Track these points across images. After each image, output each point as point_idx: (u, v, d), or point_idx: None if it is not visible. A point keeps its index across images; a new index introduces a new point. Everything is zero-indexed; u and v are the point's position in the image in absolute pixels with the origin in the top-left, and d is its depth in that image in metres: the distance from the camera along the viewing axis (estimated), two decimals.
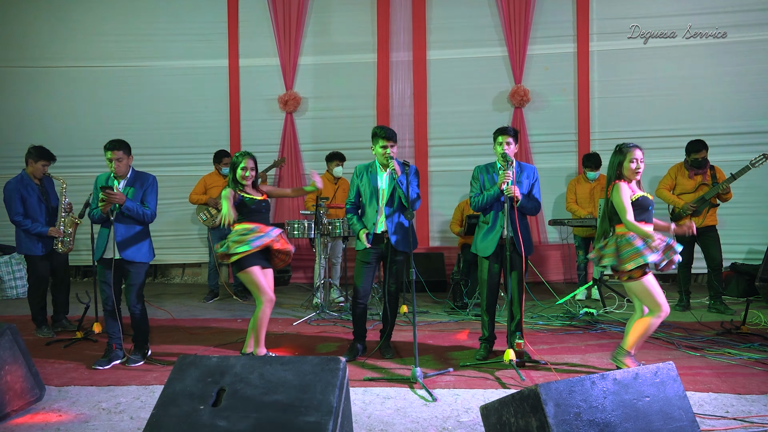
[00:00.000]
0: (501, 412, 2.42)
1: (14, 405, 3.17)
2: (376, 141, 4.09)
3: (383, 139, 4.05)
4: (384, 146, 4.04)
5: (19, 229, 4.88)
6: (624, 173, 3.67)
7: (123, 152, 4.04)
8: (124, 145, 4.07)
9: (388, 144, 4.04)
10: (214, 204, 6.31)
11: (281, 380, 2.22)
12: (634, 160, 3.64)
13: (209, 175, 6.55)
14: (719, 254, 5.51)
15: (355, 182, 4.24)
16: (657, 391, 2.34)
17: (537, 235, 7.32)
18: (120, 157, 4.02)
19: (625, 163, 3.66)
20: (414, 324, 3.72)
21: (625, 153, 3.67)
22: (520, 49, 7.35)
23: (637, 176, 3.68)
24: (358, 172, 4.24)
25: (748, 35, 7.04)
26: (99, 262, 4.10)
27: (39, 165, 4.93)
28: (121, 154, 4.03)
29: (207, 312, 6.01)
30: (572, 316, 5.37)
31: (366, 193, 4.17)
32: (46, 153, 4.97)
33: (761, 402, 3.21)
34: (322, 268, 5.97)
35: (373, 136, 4.11)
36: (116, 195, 3.94)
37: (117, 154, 4.00)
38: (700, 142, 5.52)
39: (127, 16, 7.89)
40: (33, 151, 4.94)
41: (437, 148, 7.58)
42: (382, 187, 4.14)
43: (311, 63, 7.74)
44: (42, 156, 4.93)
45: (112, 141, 4.05)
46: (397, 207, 4.10)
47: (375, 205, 4.14)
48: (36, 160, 4.92)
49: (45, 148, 4.99)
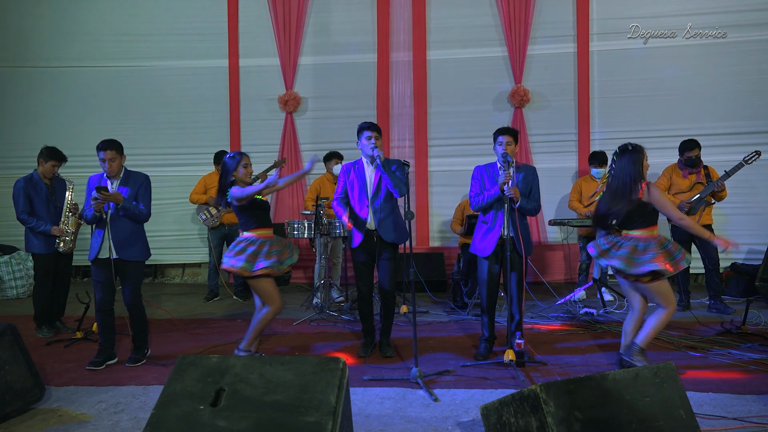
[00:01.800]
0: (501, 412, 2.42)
1: (14, 405, 3.17)
2: (360, 134, 4.14)
3: (367, 129, 4.10)
4: (369, 137, 4.08)
5: (25, 227, 4.96)
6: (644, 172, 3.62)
7: (115, 152, 4.04)
8: (116, 145, 4.06)
9: (373, 134, 4.08)
10: (214, 204, 6.31)
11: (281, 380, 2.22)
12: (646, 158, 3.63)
13: (209, 175, 6.55)
14: (716, 253, 5.52)
15: (342, 179, 4.28)
16: (657, 391, 2.34)
17: (537, 235, 7.32)
18: (112, 157, 4.02)
19: (645, 162, 3.62)
20: (414, 324, 3.72)
21: (641, 151, 3.62)
22: (520, 49, 7.36)
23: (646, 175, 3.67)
24: (345, 169, 4.28)
25: (748, 35, 7.04)
26: (93, 262, 4.07)
27: (49, 165, 4.99)
28: (114, 154, 4.03)
29: (207, 312, 6.01)
30: (572, 316, 5.37)
31: (354, 187, 4.19)
32: (58, 154, 5.03)
33: (761, 402, 3.20)
34: (322, 268, 5.97)
35: (358, 131, 4.16)
36: (112, 195, 3.94)
37: (109, 154, 4.01)
38: (693, 140, 5.55)
39: (127, 16, 7.89)
40: (45, 151, 5.01)
41: (437, 148, 7.58)
42: (369, 182, 4.16)
43: (311, 63, 7.74)
44: (53, 156, 4.99)
45: (104, 141, 4.05)
46: (385, 199, 4.12)
47: (364, 201, 4.15)
48: (47, 160, 4.98)
49: (57, 149, 5.05)
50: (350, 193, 4.23)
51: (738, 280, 6.28)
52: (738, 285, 6.25)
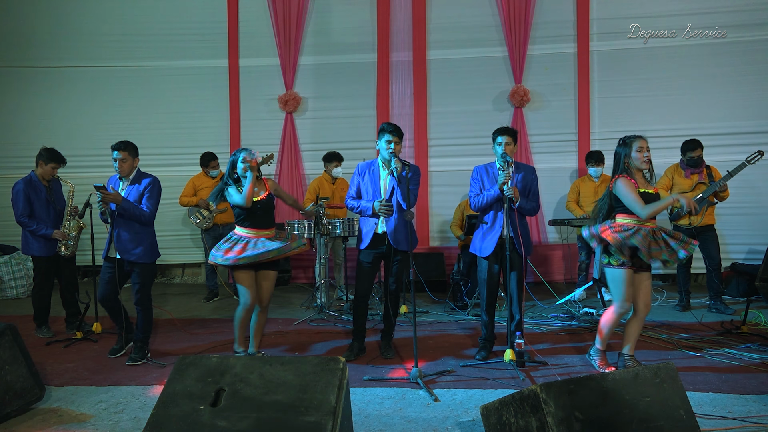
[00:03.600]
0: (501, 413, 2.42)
1: (14, 405, 3.17)
2: (382, 134, 4.07)
3: (389, 133, 4.03)
4: (389, 141, 4.03)
5: (25, 230, 4.89)
6: (632, 164, 3.64)
7: (128, 153, 4.13)
8: (130, 147, 4.16)
9: (393, 139, 4.03)
10: (205, 205, 6.29)
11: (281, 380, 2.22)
12: (641, 148, 3.61)
13: (197, 176, 6.51)
14: (718, 253, 5.52)
15: (356, 180, 4.23)
16: (657, 391, 2.34)
17: (537, 235, 7.32)
18: (125, 158, 4.11)
19: (633, 153, 3.62)
20: (414, 324, 3.72)
21: (629, 144, 3.64)
22: (520, 49, 7.35)
23: (645, 166, 3.65)
24: (360, 170, 4.22)
25: (748, 35, 7.04)
26: (105, 260, 4.18)
27: (49, 167, 4.94)
28: (126, 155, 4.12)
29: (207, 312, 6.01)
30: (572, 316, 5.37)
31: (368, 192, 4.15)
32: (57, 156, 4.97)
33: (761, 402, 3.21)
34: (322, 268, 5.97)
35: (380, 131, 4.10)
36: (111, 195, 3.99)
37: (122, 154, 4.10)
38: (695, 140, 5.54)
39: (127, 16, 7.89)
40: (44, 153, 4.95)
41: (437, 148, 7.58)
42: (383, 187, 4.13)
43: (311, 63, 7.74)
44: (53, 159, 4.94)
45: (120, 141, 4.15)
46: (398, 207, 4.09)
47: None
48: (47, 162, 4.93)
49: (56, 150, 5.00)
50: (363, 194, 4.20)
51: (738, 280, 6.28)
52: (738, 285, 6.25)
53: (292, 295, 6.80)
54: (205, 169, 6.43)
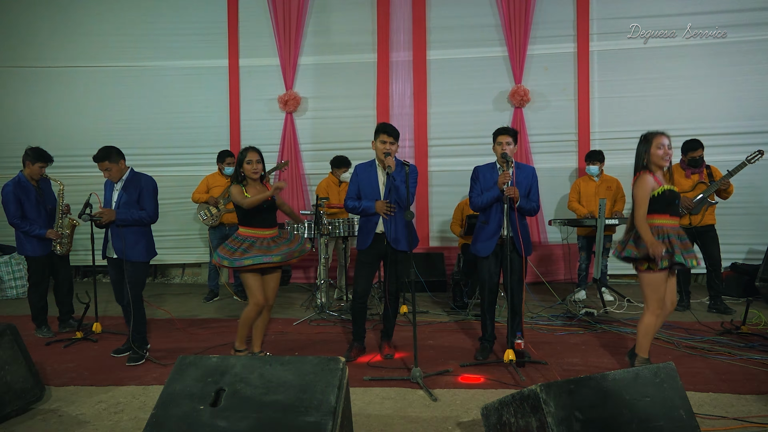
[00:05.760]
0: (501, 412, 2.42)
1: (14, 405, 3.17)
2: (377, 135, 4.09)
3: (384, 133, 4.05)
4: (384, 141, 4.04)
5: (18, 231, 4.86)
6: (652, 161, 3.57)
7: (109, 161, 4.06)
8: (110, 154, 4.07)
9: (388, 139, 4.03)
10: (214, 203, 6.31)
11: (281, 380, 2.22)
12: (661, 146, 3.53)
13: (212, 175, 6.54)
14: (718, 253, 5.51)
15: (355, 180, 4.23)
16: (657, 391, 2.33)
17: (537, 235, 7.32)
18: (107, 167, 4.07)
19: (652, 150, 3.55)
20: (414, 324, 3.72)
21: (650, 140, 3.57)
22: (520, 49, 7.36)
23: (665, 163, 3.57)
24: (359, 171, 4.23)
25: (748, 35, 7.05)
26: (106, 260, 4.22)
27: (36, 167, 4.89)
28: (107, 163, 4.06)
29: (207, 312, 6.01)
30: (572, 316, 5.37)
31: (366, 192, 4.16)
32: (44, 155, 4.92)
33: (761, 402, 3.21)
34: (323, 268, 5.97)
35: (376, 132, 4.11)
36: (105, 216, 4.02)
37: (103, 165, 4.07)
38: (696, 140, 5.54)
39: (127, 16, 7.90)
40: (30, 152, 4.89)
41: (437, 148, 7.58)
42: (381, 186, 4.13)
43: (311, 63, 7.74)
44: (39, 158, 4.89)
45: (96, 155, 4.08)
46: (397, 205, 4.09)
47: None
48: (33, 161, 4.88)
49: (42, 149, 4.94)
50: (362, 195, 4.19)
51: (738, 280, 6.28)
52: (738, 285, 6.25)
53: (292, 295, 6.80)
54: (221, 165, 6.45)
